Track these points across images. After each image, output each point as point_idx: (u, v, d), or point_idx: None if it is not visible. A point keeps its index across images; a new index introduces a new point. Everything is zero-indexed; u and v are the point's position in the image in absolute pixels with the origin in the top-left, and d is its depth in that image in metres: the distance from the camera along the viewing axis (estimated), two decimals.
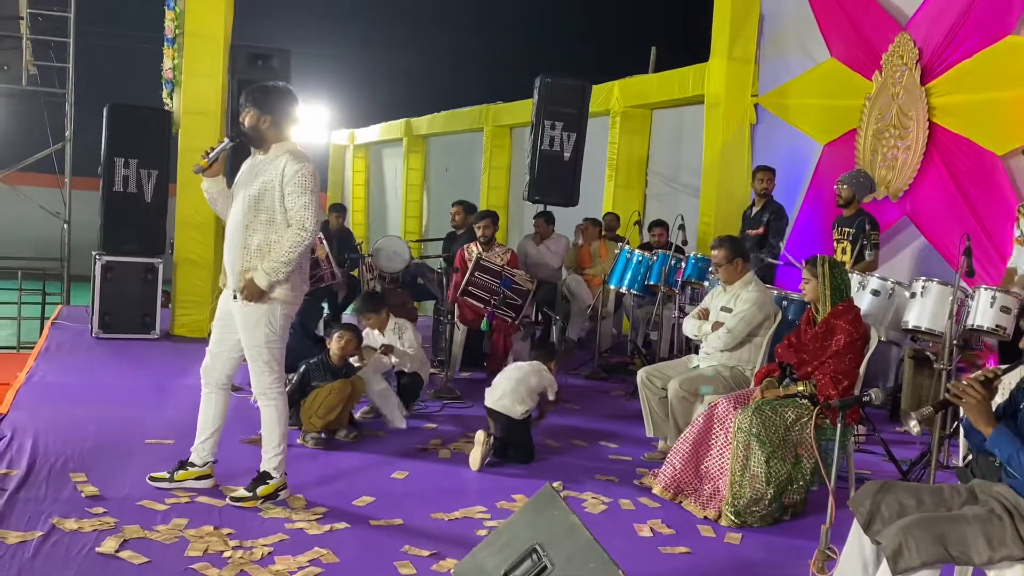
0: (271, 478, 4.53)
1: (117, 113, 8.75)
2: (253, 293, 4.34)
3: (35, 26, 11.80)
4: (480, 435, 5.35)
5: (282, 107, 4.46)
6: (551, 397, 5.79)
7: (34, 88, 12.11)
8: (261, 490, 4.48)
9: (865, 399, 3.34)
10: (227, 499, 4.49)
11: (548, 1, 26.90)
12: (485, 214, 8.04)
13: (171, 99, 9.77)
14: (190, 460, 4.69)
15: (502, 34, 26.68)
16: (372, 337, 6.24)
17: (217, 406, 4.69)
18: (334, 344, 5.76)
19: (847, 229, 7.25)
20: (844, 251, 7.18)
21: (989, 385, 3.13)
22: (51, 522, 4.05)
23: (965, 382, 3.10)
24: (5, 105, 14.71)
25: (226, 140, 4.55)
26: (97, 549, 3.81)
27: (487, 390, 5.70)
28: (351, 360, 5.85)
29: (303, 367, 5.73)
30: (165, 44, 9.71)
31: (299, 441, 5.56)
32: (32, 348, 9.57)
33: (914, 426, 3.07)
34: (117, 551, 3.81)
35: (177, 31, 9.26)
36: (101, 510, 4.25)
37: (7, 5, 11.60)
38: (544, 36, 26.19)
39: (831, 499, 3.35)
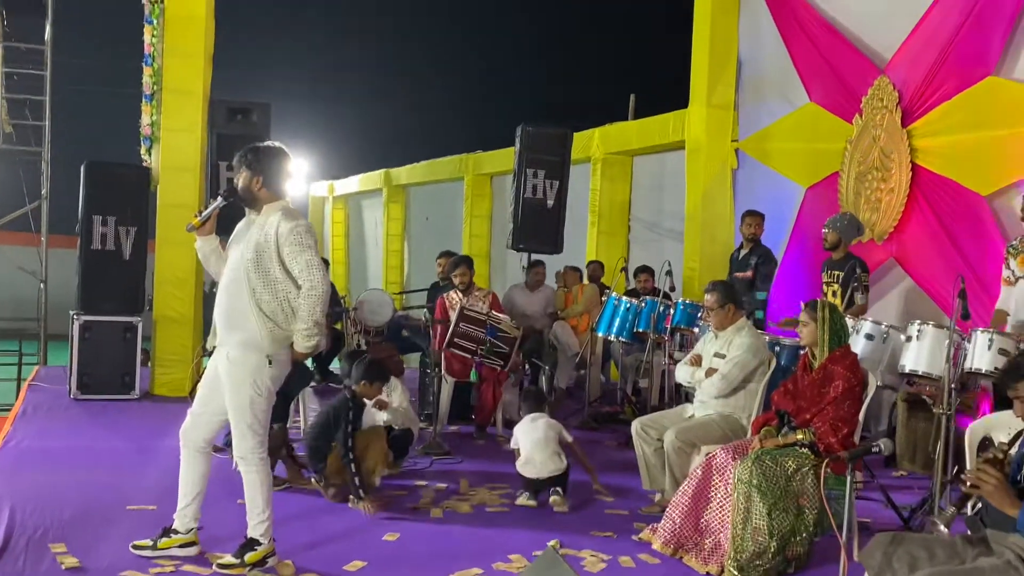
0: (259, 544, 4.38)
1: (94, 170, 8.65)
2: (300, 358, 4.52)
3: (10, 85, 11.73)
4: (524, 499, 5.59)
5: (274, 167, 4.41)
6: (569, 439, 5.82)
7: (10, 147, 12.00)
8: (249, 557, 4.34)
9: (875, 450, 3.25)
10: (214, 567, 4.33)
11: (525, 50, 27.19)
12: (459, 261, 7.93)
13: (149, 155, 9.68)
14: (173, 527, 4.53)
15: (480, 83, 26.90)
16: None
17: (198, 469, 4.54)
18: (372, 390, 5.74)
19: (837, 272, 7.22)
20: (835, 294, 7.14)
21: (1001, 465, 3.07)
22: None
23: (978, 468, 3.04)
24: None
25: (219, 199, 4.46)
26: None
27: (519, 463, 5.71)
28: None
29: (330, 413, 5.59)
30: (143, 100, 9.64)
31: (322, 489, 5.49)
32: (8, 410, 9.36)
33: (943, 529, 3.02)
34: None
35: (155, 87, 9.21)
36: None
37: None
38: (522, 85, 26.41)
39: (843, 554, 3.24)
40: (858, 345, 5.72)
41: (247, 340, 4.28)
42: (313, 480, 5.66)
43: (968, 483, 3.08)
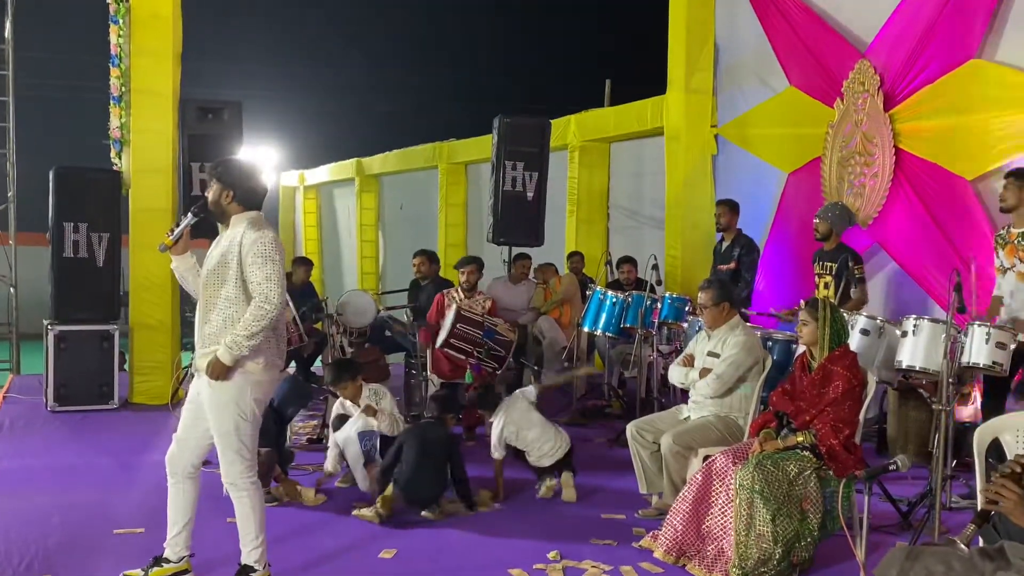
0: (254, 571, 4.27)
1: (64, 176, 8.43)
2: (217, 370, 4.09)
3: None
4: (546, 488, 5.78)
5: (245, 182, 4.26)
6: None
7: None
8: None
9: (892, 468, 3.18)
10: None
11: (499, 36, 26.95)
12: (470, 260, 7.87)
13: (120, 158, 9.45)
14: (164, 556, 4.40)
15: (453, 71, 26.67)
16: (347, 407, 5.96)
17: (186, 496, 4.39)
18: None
19: (829, 264, 7.16)
20: (827, 285, 7.08)
21: (1019, 479, 3.00)
22: None
23: (996, 482, 2.97)
24: None
25: (189, 216, 4.31)
26: None
27: (529, 454, 5.85)
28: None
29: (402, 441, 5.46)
30: (111, 102, 9.40)
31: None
32: None
33: (963, 548, 2.95)
34: None
35: (123, 88, 8.97)
36: None
37: None
38: (495, 72, 26.20)
39: (862, 572, 3.17)
40: (853, 341, 5.66)
41: None
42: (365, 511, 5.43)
43: (987, 499, 3.01)
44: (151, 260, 8.67)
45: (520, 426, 5.85)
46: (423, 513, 5.33)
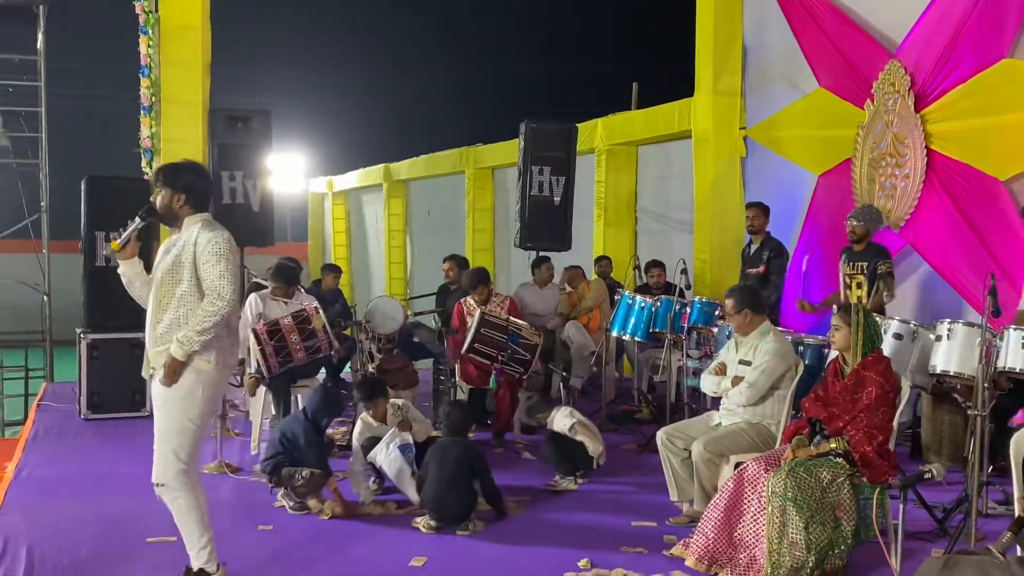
0: (207, 574, 4.23)
1: (95, 185, 8.52)
2: (170, 368, 4.09)
3: (5, 97, 11.57)
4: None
5: (195, 185, 4.30)
6: None
7: (6, 160, 11.86)
8: None
9: (927, 476, 3.14)
10: None
11: (526, 41, 26.95)
12: (476, 281, 7.67)
13: (151, 168, 9.53)
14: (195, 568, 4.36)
15: (480, 75, 26.69)
16: (373, 428, 5.96)
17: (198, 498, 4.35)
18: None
19: (861, 263, 7.08)
20: (859, 285, 6.99)
21: None
22: None
23: None
24: None
25: (137, 220, 4.28)
26: None
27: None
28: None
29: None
30: (142, 112, 9.49)
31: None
32: (16, 427, 9.27)
33: (1000, 557, 2.90)
34: None
35: (154, 98, 9.05)
36: None
37: None
38: (523, 76, 26.20)
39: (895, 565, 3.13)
40: (886, 345, 5.59)
41: None
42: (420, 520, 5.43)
43: None
44: None
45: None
46: (456, 532, 5.31)
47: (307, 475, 5.52)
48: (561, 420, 6.32)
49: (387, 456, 5.63)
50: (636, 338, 7.77)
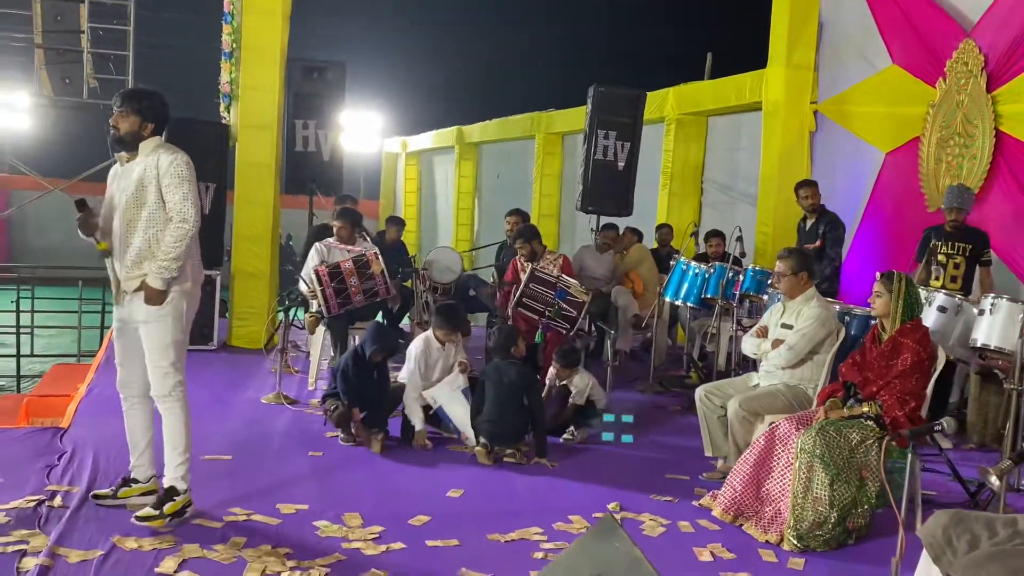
0: (177, 494, 4.39)
1: (175, 127, 8.71)
2: (153, 297, 4.28)
3: (95, 40, 12.00)
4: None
5: (162, 114, 4.44)
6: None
7: (94, 101, 12.31)
8: (168, 507, 4.33)
9: (937, 428, 3.22)
10: (132, 518, 4.28)
11: (602, 8, 26.79)
12: (518, 234, 7.77)
13: (228, 112, 9.86)
14: (132, 476, 4.61)
15: (555, 41, 26.66)
16: (432, 348, 6.23)
17: (143, 416, 4.60)
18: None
19: (961, 244, 6.94)
20: (956, 266, 6.91)
21: None
22: (112, 541, 4.07)
23: None
24: (67, 118, 15.00)
25: (82, 216, 4.42)
26: (156, 569, 3.83)
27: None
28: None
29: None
30: (223, 58, 9.81)
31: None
32: (92, 357, 9.73)
33: (994, 481, 2.97)
34: (176, 571, 3.82)
35: (234, 45, 9.36)
36: (166, 528, 4.26)
37: (69, 20, 11.81)
38: (598, 43, 26.12)
39: (901, 530, 3.24)
40: (930, 318, 5.63)
41: None
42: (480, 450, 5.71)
43: None
44: (254, 212, 9.09)
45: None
46: (507, 453, 5.58)
47: (334, 408, 5.83)
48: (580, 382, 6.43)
49: (450, 396, 5.87)
50: (688, 304, 7.86)
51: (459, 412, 5.97)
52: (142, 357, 4.44)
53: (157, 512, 4.31)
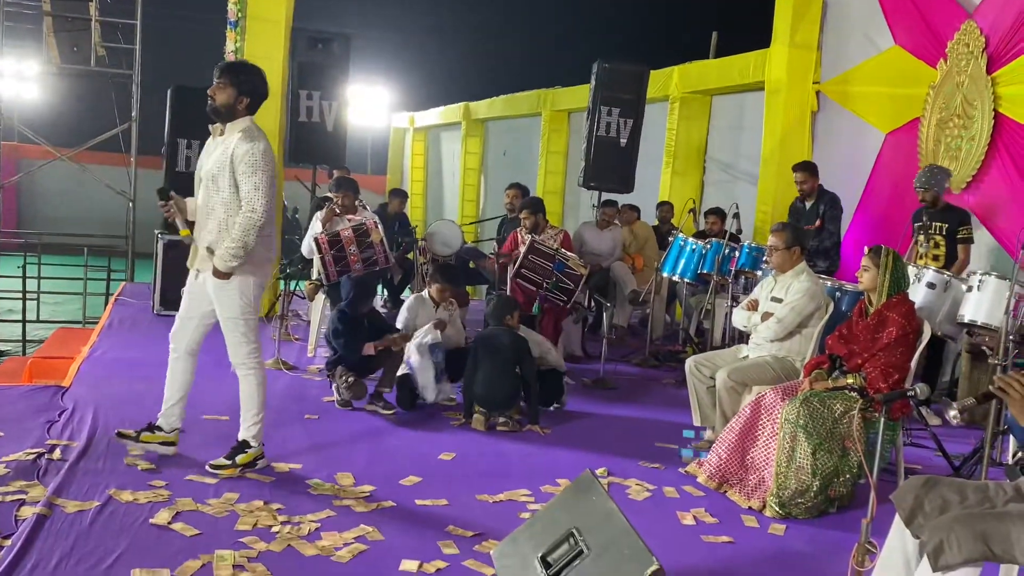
0: (250, 447, 4.64)
1: (181, 95, 8.93)
2: (219, 274, 4.45)
3: (104, 8, 12.07)
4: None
5: (259, 89, 4.51)
6: None
7: (102, 69, 12.39)
8: (240, 458, 4.60)
9: (910, 394, 3.30)
10: (207, 466, 4.57)
11: None
12: (524, 204, 7.93)
13: None
14: (158, 424, 4.79)
15: (561, 18, 26.60)
16: (424, 303, 6.38)
17: (185, 373, 4.81)
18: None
19: (939, 224, 7.01)
20: (937, 245, 6.98)
21: None
22: (108, 493, 4.19)
23: (1011, 375, 3.03)
24: (75, 86, 15.10)
25: (163, 202, 4.61)
26: (151, 520, 3.94)
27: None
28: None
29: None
30: (228, 27, 9.86)
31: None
32: (96, 323, 9.85)
33: (954, 416, 3.03)
34: (170, 523, 3.93)
35: (240, 14, 9.41)
36: (160, 483, 4.38)
37: None
38: (604, 20, 26.04)
39: (872, 493, 3.32)
40: (919, 293, 5.68)
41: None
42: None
43: (997, 386, 3.06)
44: None
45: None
46: (499, 421, 5.70)
47: (344, 380, 5.96)
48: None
49: (417, 346, 5.98)
50: (685, 279, 7.93)
51: (417, 362, 6.05)
52: (200, 319, 4.70)
53: (230, 462, 4.57)
